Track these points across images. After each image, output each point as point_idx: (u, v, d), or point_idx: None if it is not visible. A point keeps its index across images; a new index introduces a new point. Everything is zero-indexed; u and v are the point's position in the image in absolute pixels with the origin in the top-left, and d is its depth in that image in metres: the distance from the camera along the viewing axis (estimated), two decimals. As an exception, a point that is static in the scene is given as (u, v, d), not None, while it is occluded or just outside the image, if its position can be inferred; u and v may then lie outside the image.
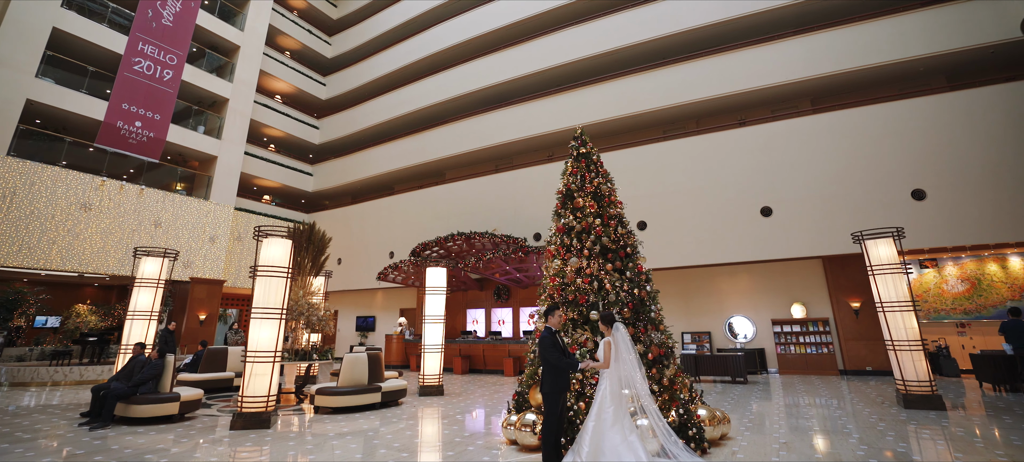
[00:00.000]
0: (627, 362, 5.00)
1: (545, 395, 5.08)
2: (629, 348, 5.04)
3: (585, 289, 6.38)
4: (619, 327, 5.13)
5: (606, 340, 5.05)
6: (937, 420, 7.07)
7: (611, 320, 5.17)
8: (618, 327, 5.13)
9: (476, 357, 15.25)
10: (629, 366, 4.99)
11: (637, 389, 4.97)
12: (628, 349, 5.04)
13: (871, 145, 12.46)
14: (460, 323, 18.39)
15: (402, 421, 7.61)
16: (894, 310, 8.19)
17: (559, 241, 6.91)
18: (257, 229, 7.90)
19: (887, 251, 8.40)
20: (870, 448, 5.66)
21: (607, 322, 5.17)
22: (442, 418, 7.92)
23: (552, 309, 5.37)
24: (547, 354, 5.03)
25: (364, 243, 20.88)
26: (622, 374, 5.00)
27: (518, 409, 6.34)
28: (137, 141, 17.26)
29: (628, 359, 5.00)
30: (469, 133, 19.35)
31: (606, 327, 5.17)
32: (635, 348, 5.09)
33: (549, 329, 5.27)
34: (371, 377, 9.04)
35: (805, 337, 13.25)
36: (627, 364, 5.00)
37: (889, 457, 5.32)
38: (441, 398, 9.93)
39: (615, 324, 5.15)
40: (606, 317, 5.20)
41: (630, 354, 5.02)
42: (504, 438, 6.19)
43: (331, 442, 6.36)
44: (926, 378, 7.92)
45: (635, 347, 5.10)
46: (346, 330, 21.94)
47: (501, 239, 14.25)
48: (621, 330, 5.11)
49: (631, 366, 4.99)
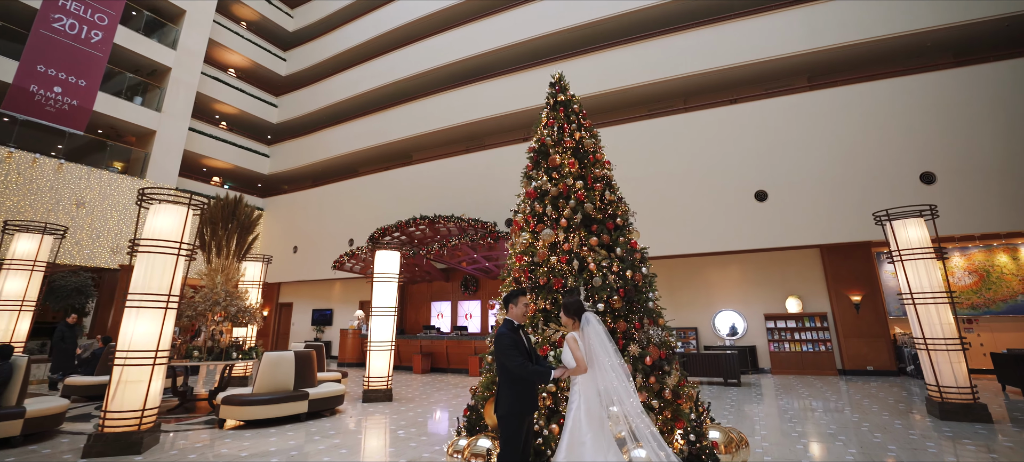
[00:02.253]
0: (603, 367, 3.39)
1: (501, 418, 3.43)
2: (606, 347, 3.44)
3: (562, 270, 4.72)
4: (591, 319, 3.52)
5: (570, 335, 3.45)
6: (991, 437, 5.68)
7: (578, 310, 3.57)
8: (589, 319, 3.52)
9: (439, 354, 13.50)
10: (607, 373, 3.37)
11: (624, 406, 3.35)
12: (605, 349, 3.43)
13: (875, 124, 11.16)
14: (424, 317, 16.60)
15: (325, 440, 5.85)
16: (926, 302, 6.79)
17: (529, 209, 5.24)
18: (140, 192, 6.02)
19: (918, 233, 7.00)
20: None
21: (572, 312, 3.58)
22: (379, 436, 6.19)
23: (514, 296, 3.72)
24: (505, 358, 3.40)
25: (323, 230, 18.88)
26: (602, 385, 3.38)
27: (470, 430, 4.66)
28: (56, 109, 14.95)
29: (604, 363, 3.39)
30: (438, 111, 17.54)
31: (571, 319, 3.57)
32: (614, 346, 3.47)
33: (509, 324, 3.63)
34: (299, 381, 7.24)
35: (801, 333, 11.92)
36: (603, 370, 3.38)
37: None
38: (388, 405, 8.18)
39: (585, 316, 3.54)
40: (570, 306, 3.60)
41: (608, 355, 3.41)
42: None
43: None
44: (966, 384, 6.54)
45: (614, 344, 3.47)
46: (301, 324, 19.90)
47: (469, 223, 12.55)
48: (593, 323, 3.50)
49: (610, 372, 3.38)
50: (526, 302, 3.70)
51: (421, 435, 6.14)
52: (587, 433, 3.23)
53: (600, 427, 3.28)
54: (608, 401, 3.32)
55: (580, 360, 3.34)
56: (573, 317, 3.54)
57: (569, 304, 3.58)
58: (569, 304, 3.58)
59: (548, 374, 3.38)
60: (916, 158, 10.69)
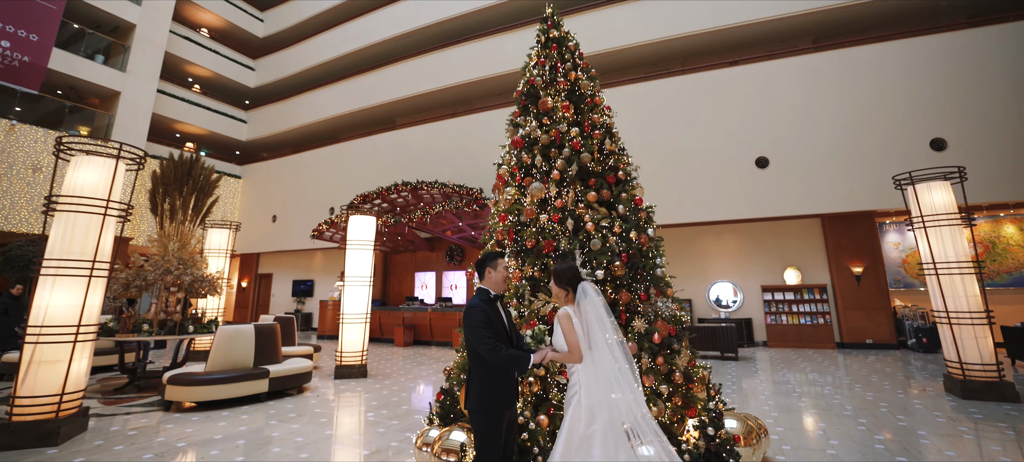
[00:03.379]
0: (600, 348, 2.60)
1: (471, 412, 2.65)
2: (604, 324, 2.64)
3: (553, 230, 3.90)
4: (589, 290, 2.72)
5: (563, 311, 2.65)
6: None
7: (573, 278, 2.76)
8: (586, 290, 2.71)
9: (422, 327, 12.73)
10: (604, 356, 2.59)
11: (624, 396, 2.58)
12: (603, 326, 2.64)
13: (883, 88, 10.36)
14: (407, 288, 15.79)
15: (283, 424, 5.06)
16: (952, 272, 6.10)
17: (515, 160, 4.38)
18: (58, 141, 5.04)
19: (943, 198, 6.27)
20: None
21: (565, 281, 2.77)
22: (344, 419, 5.41)
23: (490, 258, 2.89)
24: (474, 338, 2.59)
25: (302, 198, 17.85)
26: (602, 373, 2.61)
27: (444, 418, 3.89)
28: (6, 65, 13.60)
29: (601, 344, 2.61)
30: (422, 74, 16.40)
31: (563, 289, 2.76)
32: (614, 323, 2.67)
33: (484, 294, 2.82)
34: (260, 357, 6.42)
35: (799, 306, 11.32)
36: (600, 352, 2.60)
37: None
38: (361, 382, 7.41)
39: (582, 286, 2.73)
40: (563, 273, 2.78)
41: (606, 334, 2.62)
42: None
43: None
44: (992, 361, 5.91)
45: (614, 320, 2.67)
46: (281, 296, 19.00)
47: (453, 190, 11.66)
48: (591, 295, 2.70)
49: (606, 356, 2.60)
50: (506, 266, 2.87)
51: (392, 418, 5.37)
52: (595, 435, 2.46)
53: (609, 424, 2.50)
54: (609, 389, 2.55)
55: (573, 344, 2.54)
56: (566, 287, 2.74)
57: (561, 271, 2.77)
58: (561, 271, 2.77)
59: (526, 360, 2.59)
60: (926, 124, 9.94)
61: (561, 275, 2.76)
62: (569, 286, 2.72)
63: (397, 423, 5.16)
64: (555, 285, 2.77)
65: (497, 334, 2.65)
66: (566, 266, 2.78)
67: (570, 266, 2.78)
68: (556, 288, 2.77)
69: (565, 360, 2.59)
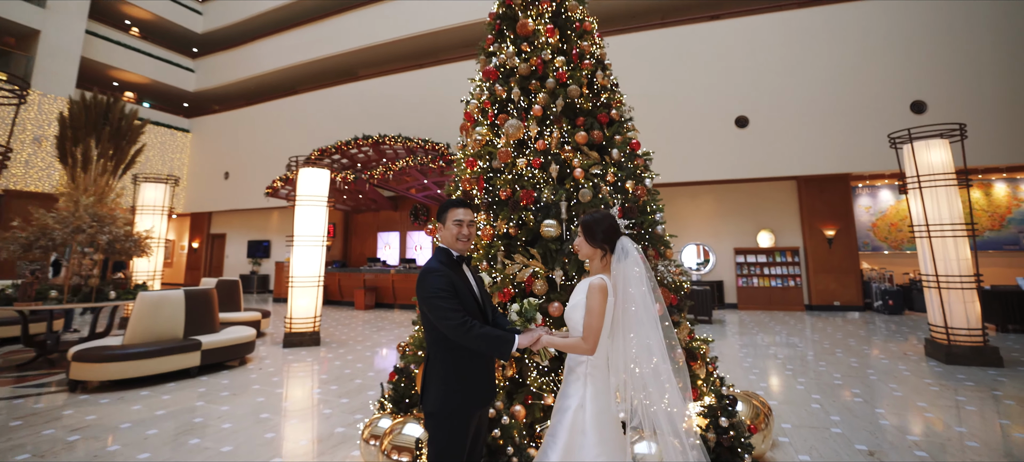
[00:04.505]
0: (645, 329, 1.89)
1: (430, 417, 1.90)
2: (648, 304, 1.91)
3: (534, 178, 3.13)
4: (630, 249, 1.95)
5: (599, 281, 1.90)
6: (1022, 383, 4.76)
7: (612, 232, 1.99)
8: (627, 249, 1.95)
9: (384, 289, 11.90)
10: (650, 345, 1.88)
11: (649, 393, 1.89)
12: (646, 302, 1.91)
13: (867, 48, 9.88)
14: (369, 248, 14.84)
15: (211, 404, 4.23)
16: (945, 234, 5.71)
17: (487, 94, 3.54)
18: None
19: (942, 157, 5.81)
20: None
21: (600, 236, 1.99)
22: (287, 397, 4.62)
23: (452, 207, 2.09)
24: (434, 312, 1.84)
25: (257, 154, 16.40)
26: (617, 356, 1.92)
27: (397, 404, 3.16)
28: None
29: (647, 327, 1.89)
30: (387, 21, 14.99)
31: (598, 248, 1.99)
32: (658, 296, 1.95)
33: (444, 255, 2.03)
34: (193, 327, 5.50)
35: (771, 268, 11.06)
36: (645, 338, 1.89)
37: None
38: (313, 351, 6.59)
39: (620, 242, 1.97)
40: (596, 224, 2.00)
41: (649, 315, 1.90)
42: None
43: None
44: (979, 325, 5.61)
45: (658, 295, 1.95)
46: (236, 257, 17.69)
47: (418, 145, 10.66)
48: (633, 255, 1.94)
49: (653, 345, 1.89)
50: (472, 219, 2.08)
51: (343, 395, 4.62)
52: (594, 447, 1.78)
53: (615, 441, 1.83)
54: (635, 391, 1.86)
55: (595, 330, 1.82)
56: (602, 245, 1.96)
57: (595, 222, 1.98)
58: (595, 222, 1.98)
59: (509, 343, 1.86)
60: (908, 85, 9.55)
61: (594, 227, 1.97)
62: (606, 243, 1.96)
63: (347, 402, 4.41)
64: (585, 241, 1.99)
65: (465, 306, 1.90)
66: (601, 215, 2.01)
67: (606, 215, 2.01)
68: (586, 246, 1.99)
69: (571, 350, 1.87)
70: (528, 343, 1.90)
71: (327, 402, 4.43)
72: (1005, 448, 3.37)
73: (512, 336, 1.87)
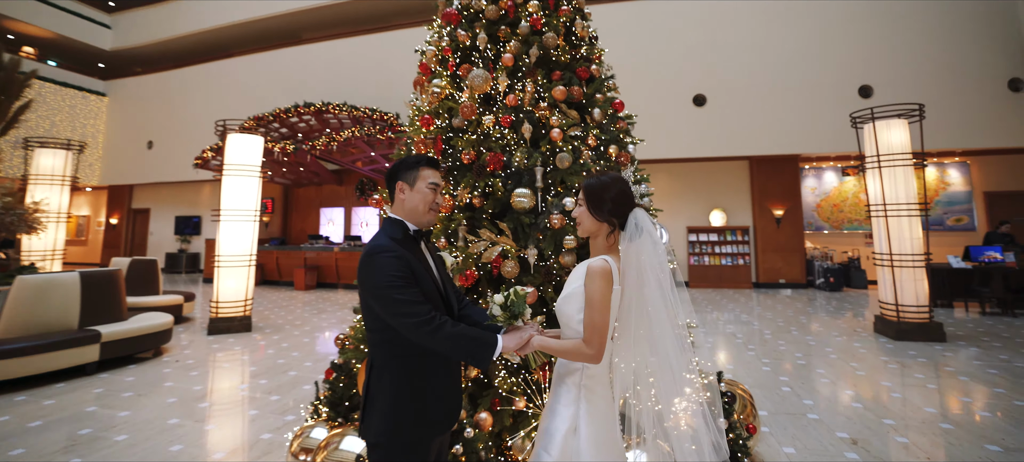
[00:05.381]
0: (661, 327, 1.43)
1: (375, 449, 1.34)
2: (665, 292, 1.44)
3: (502, 140, 2.60)
4: (644, 223, 1.46)
5: (600, 263, 1.39)
6: (968, 358, 4.83)
7: (623, 201, 1.48)
8: (641, 223, 1.45)
9: (327, 268, 11.04)
10: (667, 345, 1.43)
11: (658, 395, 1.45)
12: (664, 296, 1.44)
13: (822, 29, 9.94)
14: (311, 225, 13.82)
15: (108, 407, 3.47)
16: (901, 213, 5.72)
17: (448, 40, 2.95)
18: None
19: (901, 137, 5.79)
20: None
21: (609, 205, 1.47)
22: (205, 395, 3.90)
23: (403, 169, 1.53)
24: (390, 308, 1.29)
25: (185, 121, 14.75)
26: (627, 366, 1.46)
27: (335, 408, 2.60)
28: None
29: (665, 322, 1.43)
30: (331, -22, 13.70)
31: (604, 222, 1.48)
32: (674, 280, 1.49)
33: (398, 230, 1.46)
34: (91, 315, 4.61)
35: (722, 247, 11.15)
36: (659, 335, 1.43)
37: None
38: (242, 339, 5.81)
39: (634, 215, 1.48)
40: (604, 190, 1.49)
41: (668, 307, 1.44)
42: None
43: None
44: (926, 302, 5.69)
45: (675, 284, 1.49)
46: (162, 234, 16.01)
47: (364, 114, 9.81)
48: (648, 231, 1.45)
49: (670, 343, 1.44)
50: (433, 183, 1.53)
51: (274, 391, 3.97)
52: None
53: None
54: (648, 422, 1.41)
55: (601, 327, 1.34)
56: (609, 218, 1.47)
57: (601, 187, 1.49)
58: (601, 187, 1.49)
59: (490, 346, 1.36)
60: (856, 70, 9.72)
61: (601, 194, 1.47)
62: (614, 215, 1.47)
63: (278, 399, 3.77)
64: (589, 213, 1.49)
65: (426, 296, 1.38)
66: (610, 178, 1.51)
67: (616, 178, 1.51)
68: (590, 219, 1.49)
69: (570, 355, 1.39)
70: (515, 346, 1.40)
71: (254, 400, 3.77)
72: (973, 426, 3.28)
73: (494, 336, 1.37)
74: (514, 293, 1.52)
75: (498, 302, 1.51)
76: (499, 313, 1.50)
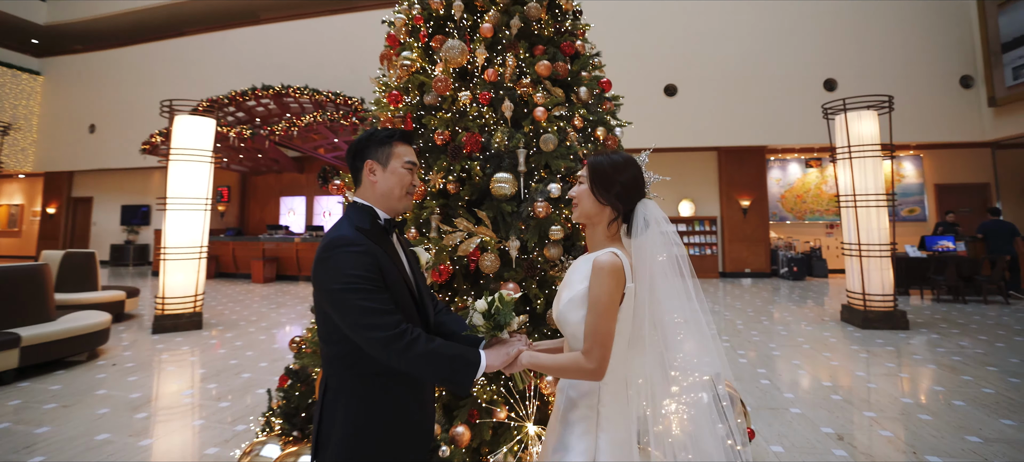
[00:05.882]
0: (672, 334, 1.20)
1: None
2: (686, 287, 1.22)
3: (480, 119, 2.32)
4: (653, 215, 1.22)
5: (608, 257, 1.13)
6: (931, 345, 4.92)
7: (633, 187, 1.23)
8: (651, 215, 1.21)
9: (287, 260, 10.48)
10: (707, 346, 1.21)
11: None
12: (684, 293, 1.21)
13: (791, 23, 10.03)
14: (271, 214, 13.14)
15: (17, 429, 3.02)
16: (870, 204, 5.77)
17: (419, 9, 2.63)
18: None
19: (871, 128, 5.83)
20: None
21: (617, 190, 1.22)
22: (145, 404, 3.48)
23: (373, 144, 1.23)
24: (350, 318, 1.01)
25: (132, 104, 13.67)
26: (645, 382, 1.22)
27: (289, 420, 2.28)
28: None
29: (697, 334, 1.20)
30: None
31: (608, 206, 1.22)
32: (695, 284, 1.27)
33: (364, 217, 1.15)
34: (11, 316, 4.06)
35: (690, 237, 11.22)
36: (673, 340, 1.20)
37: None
38: (190, 338, 5.32)
39: (642, 206, 1.23)
40: (612, 171, 1.23)
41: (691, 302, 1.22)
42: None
43: None
44: (891, 291, 5.79)
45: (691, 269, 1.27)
46: (107, 225, 14.87)
47: (327, 98, 9.28)
48: (660, 227, 1.20)
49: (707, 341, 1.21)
50: (410, 161, 1.25)
51: (223, 396, 3.58)
52: None
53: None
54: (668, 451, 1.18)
55: (607, 336, 1.09)
56: (615, 202, 1.22)
57: (613, 165, 1.24)
58: (613, 165, 1.24)
59: (473, 364, 1.11)
60: (823, 63, 9.88)
61: (611, 174, 1.22)
62: (621, 202, 1.22)
63: (228, 406, 3.39)
64: (591, 193, 1.23)
65: (398, 302, 1.10)
66: (622, 159, 1.26)
67: (628, 160, 1.26)
68: (591, 200, 1.23)
69: (567, 372, 1.14)
70: (500, 364, 1.15)
71: (201, 408, 3.38)
72: (949, 416, 3.26)
73: (476, 353, 1.12)
74: (499, 299, 1.26)
75: (480, 310, 1.24)
76: (480, 322, 1.23)
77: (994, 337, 5.41)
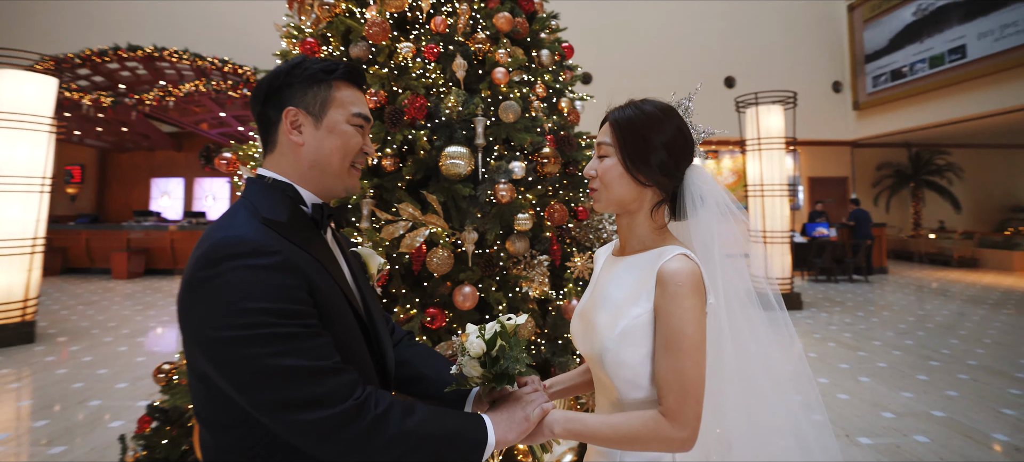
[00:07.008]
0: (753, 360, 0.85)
1: None
2: (751, 296, 0.87)
3: (425, 79, 1.81)
4: (711, 190, 0.85)
5: (674, 267, 0.74)
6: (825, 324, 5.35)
7: (683, 154, 0.84)
8: (705, 191, 0.84)
9: (159, 252, 8.87)
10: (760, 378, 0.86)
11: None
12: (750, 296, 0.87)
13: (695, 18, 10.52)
14: (139, 198, 11.12)
15: None
16: (775, 194, 6.13)
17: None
18: None
19: (778, 122, 6.18)
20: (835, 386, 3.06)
21: (663, 157, 0.81)
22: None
23: (336, 80, 0.74)
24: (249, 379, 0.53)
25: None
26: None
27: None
28: None
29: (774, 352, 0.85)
30: None
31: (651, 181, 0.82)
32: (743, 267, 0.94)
33: (277, 203, 0.62)
34: None
35: (605, 226, 11.45)
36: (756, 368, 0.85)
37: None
38: (18, 354, 4.10)
39: (693, 171, 0.85)
40: (652, 123, 0.82)
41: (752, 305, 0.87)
42: None
43: None
44: (789, 275, 6.23)
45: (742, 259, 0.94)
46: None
47: (212, 65, 7.90)
48: (711, 189, 0.84)
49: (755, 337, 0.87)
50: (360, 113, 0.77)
51: (59, 437, 2.69)
52: None
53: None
54: None
55: (688, 378, 0.70)
56: (658, 177, 0.82)
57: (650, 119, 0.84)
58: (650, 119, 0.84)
59: (479, 448, 0.68)
60: (724, 60, 10.50)
61: (646, 136, 0.83)
62: (667, 174, 0.82)
63: (64, 451, 2.53)
64: (624, 169, 0.83)
65: (343, 344, 0.64)
66: (658, 109, 0.87)
67: (668, 110, 0.88)
68: (624, 181, 0.83)
69: (642, 445, 0.75)
70: (518, 436, 0.73)
71: (23, 455, 2.48)
72: (863, 393, 3.45)
73: (481, 426, 0.70)
74: (501, 326, 0.80)
75: (474, 352, 0.77)
76: (476, 371, 0.77)
77: (868, 313, 6.05)
